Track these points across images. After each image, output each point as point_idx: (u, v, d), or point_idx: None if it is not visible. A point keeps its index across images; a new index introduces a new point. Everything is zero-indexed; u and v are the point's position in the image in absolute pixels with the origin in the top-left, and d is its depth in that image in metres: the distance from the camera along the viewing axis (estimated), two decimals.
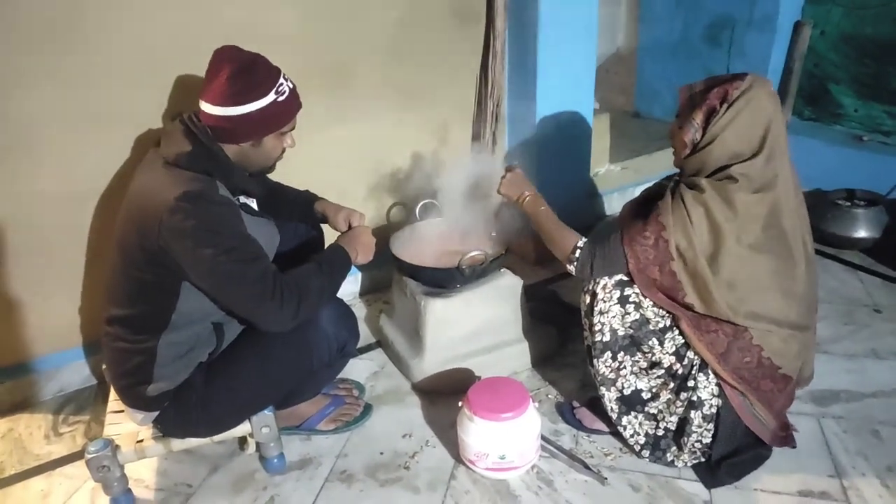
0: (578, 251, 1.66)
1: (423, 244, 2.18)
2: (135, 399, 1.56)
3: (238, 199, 1.53)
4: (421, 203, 2.26)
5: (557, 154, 2.74)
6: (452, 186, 2.11)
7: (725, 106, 1.49)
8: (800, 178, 1.61)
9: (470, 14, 2.46)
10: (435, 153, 2.56)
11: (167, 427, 1.61)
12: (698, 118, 1.53)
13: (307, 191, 1.94)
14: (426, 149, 2.54)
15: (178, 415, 1.58)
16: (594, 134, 2.90)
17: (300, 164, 2.20)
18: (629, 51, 4.14)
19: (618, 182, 3.21)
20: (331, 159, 2.32)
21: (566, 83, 2.66)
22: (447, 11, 2.40)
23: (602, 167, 3.31)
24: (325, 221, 1.88)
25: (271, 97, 1.47)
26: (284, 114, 1.52)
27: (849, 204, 2.81)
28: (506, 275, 2.08)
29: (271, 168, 1.65)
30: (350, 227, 1.81)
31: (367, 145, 2.41)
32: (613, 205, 3.12)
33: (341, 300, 1.71)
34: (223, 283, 1.42)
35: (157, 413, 1.58)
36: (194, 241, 1.35)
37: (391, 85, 2.38)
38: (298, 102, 1.56)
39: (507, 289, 2.06)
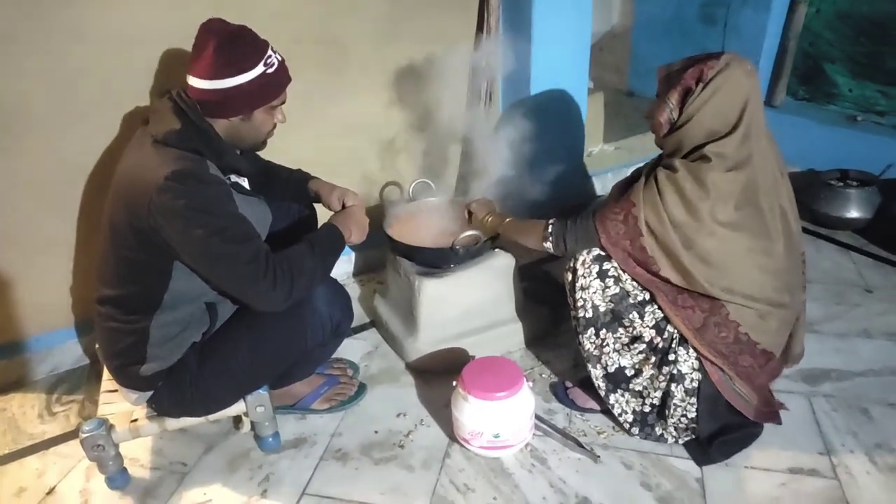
0: (550, 226, 1.74)
1: (416, 224, 2.17)
2: (128, 379, 1.56)
3: (229, 178, 1.51)
4: (414, 182, 2.25)
5: (552, 134, 2.72)
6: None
7: (701, 86, 1.50)
8: (793, 157, 1.62)
9: None
10: (428, 133, 2.54)
11: (162, 406, 1.61)
12: (674, 98, 1.55)
13: (300, 170, 1.92)
14: (419, 128, 2.52)
15: (173, 394, 1.58)
16: (588, 113, 2.88)
17: (292, 142, 2.18)
18: (624, 29, 4.10)
19: (612, 161, 3.21)
20: (323, 138, 2.30)
21: (560, 62, 2.63)
22: None
23: (596, 147, 3.30)
24: (319, 201, 1.86)
25: (260, 69, 1.44)
26: (274, 86, 1.50)
27: (842, 184, 2.82)
28: (499, 255, 2.08)
29: (262, 145, 1.62)
30: (344, 207, 1.80)
31: (361, 123, 2.39)
32: (607, 184, 3.11)
33: (335, 280, 1.70)
34: (215, 263, 1.41)
35: (151, 393, 1.57)
36: (184, 220, 1.34)
37: (384, 62, 2.36)
38: (288, 76, 1.54)
39: (500, 269, 2.06)
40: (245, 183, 1.62)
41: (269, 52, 1.47)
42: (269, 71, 1.46)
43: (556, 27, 2.54)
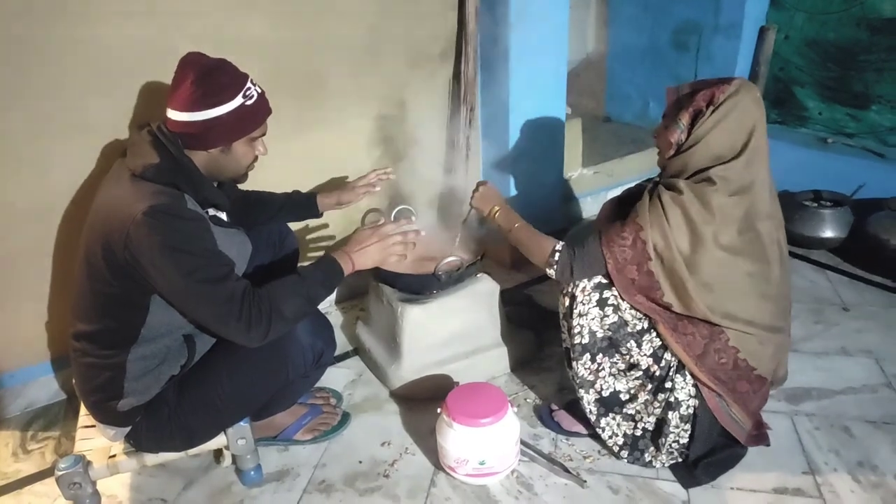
0: (557, 254, 1.65)
1: None
2: (106, 414, 1.53)
3: (207, 212, 1.50)
4: (396, 209, 2.25)
5: (531, 158, 2.76)
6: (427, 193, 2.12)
7: (712, 109, 1.50)
8: (773, 180, 1.64)
9: (442, 20, 2.46)
10: (409, 159, 2.56)
11: (140, 442, 1.57)
12: (684, 119, 1.54)
13: (297, 191, 1.96)
14: (400, 155, 2.54)
15: (152, 429, 1.54)
16: (567, 138, 2.92)
17: (273, 171, 2.17)
18: (599, 56, 4.19)
19: (591, 185, 3.24)
20: (304, 166, 2.31)
21: (538, 88, 2.67)
22: (418, 17, 2.40)
23: (575, 171, 3.34)
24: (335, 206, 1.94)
25: (239, 100, 1.44)
26: (253, 118, 1.49)
27: (816, 205, 2.88)
28: (482, 280, 2.08)
29: (244, 177, 1.62)
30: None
31: (341, 153, 2.40)
32: (587, 208, 3.14)
33: (318, 311, 1.68)
34: (189, 301, 1.39)
35: (129, 428, 1.54)
36: (160, 257, 1.32)
37: (364, 91, 2.37)
38: (268, 107, 1.54)
39: (483, 294, 2.07)
40: (224, 216, 1.61)
41: (249, 84, 1.48)
42: (249, 103, 1.46)
43: (533, 55, 2.58)
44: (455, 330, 2.03)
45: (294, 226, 2.02)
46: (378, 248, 1.57)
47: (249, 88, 1.47)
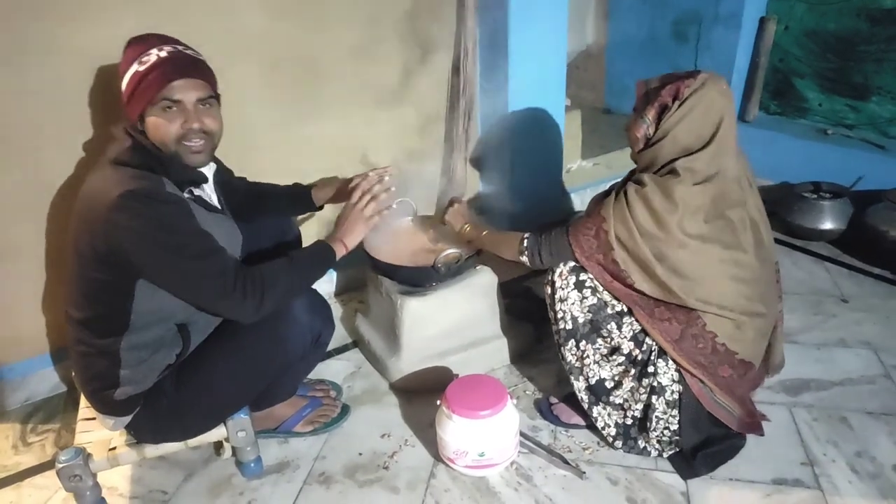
0: (525, 241, 1.74)
1: (398, 242, 2.17)
2: (104, 404, 1.53)
3: (191, 192, 1.49)
4: (395, 201, 2.25)
5: (530, 150, 2.75)
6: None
7: (678, 103, 1.53)
8: (767, 170, 1.65)
9: (440, 12, 2.45)
10: (408, 151, 2.55)
11: (140, 432, 1.58)
12: (650, 114, 1.57)
13: (297, 183, 1.95)
14: (398, 147, 2.53)
15: (151, 419, 1.55)
16: (566, 130, 2.92)
17: (271, 162, 2.18)
18: (598, 47, 4.17)
19: (590, 177, 3.24)
20: (302, 157, 2.30)
21: (537, 80, 2.67)
22: (418, 8, 2.39)
23: (574, 163, 3.34)
24: (335, 201, 1.91)
25: (133, 68, 1.38)
26: (146, 85, 1.36)
27: (815, 196, 2.88)
28: (481, 272, 2.08)
29: (190, 156, 1.44)
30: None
31: (340, 143, 2.39)
32: (586, 200, 3.10)
33: (315, 291, 1.68)
34: (181, 280, 1.39)
35: (129, 418, 1.54)
36: (143, 239, 1.32)
37: (362, 83, 2.36)
38: (170, 72, 1.37)
39: (482, 286, 2.07)
40: (211, 198, 1.58)
41: (153, 49, 1.38)
42: (142, 69, 1.37)
43: (532, 47, 2.57)
44: (454, 322, 2.03)
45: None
46: (356, 220, 1.65)
47: (148, 54, 1.37)
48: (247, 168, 1.88)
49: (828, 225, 2.78)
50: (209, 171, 1.58)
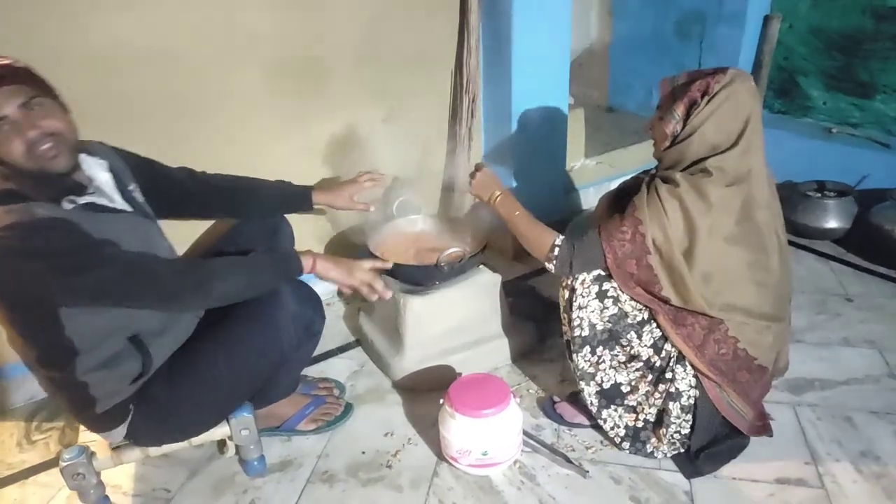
0: (557, 249, 1.63)
1: (400, 241, 2.17)
2: (93, 422, 1.52)
3: (73, 202, 1.35)
4: (397, 200, 2.25)
5: (533, 149, 2.75)
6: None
7: (707, 99, 1.49)
8: (771, 169, 1.63)
9: (444, 10, 2.45)
10: (411, 150, 2.55)
11: (141, 439, 1.57)
12: (679, 110, 1.53)
13: (288, 182, 1.89)
14: (402, 145, 2.53)
15: (149, 425, 1.54)
16: (569, 129, 2.91)
17: (275, 161, 2.18)
18: (602, 46, 4.16)
19: (593, 176, 3.23)
20: (307, 157, 2.30)
21: (541, 78, 2.66)
22: (421, 8, 2.39)
23: (577, 162, 3.33)
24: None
25: None
26: None
27: (819, 195, 2.87)
28: (484, 271, 2.08)
29: (44, 160, 1.31)
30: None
31: (343, 141, 2.39)
32: (589, 199, 3.13)
33: (302, 283, 1.63)
34: (99, 295, 1.34)
35: (123, 427, 1.52)
36: (38, 275, 1.26)
37: (366, 82, 2.36)
38: None
39: (485, 285, 2.06)
40: (115, 195, 1.47)
41: None
42: None
43: (536, 45, 2.57)
44: (457, 321, 2.03)
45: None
46: (346, 270, 1.56)
47: None
48: (250, 168, 1.87)
49: (832, 224, 2.77)
50: (98, 170, 1.47)
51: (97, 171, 1.46)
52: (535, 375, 2.09)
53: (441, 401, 1.71)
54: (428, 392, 1.95)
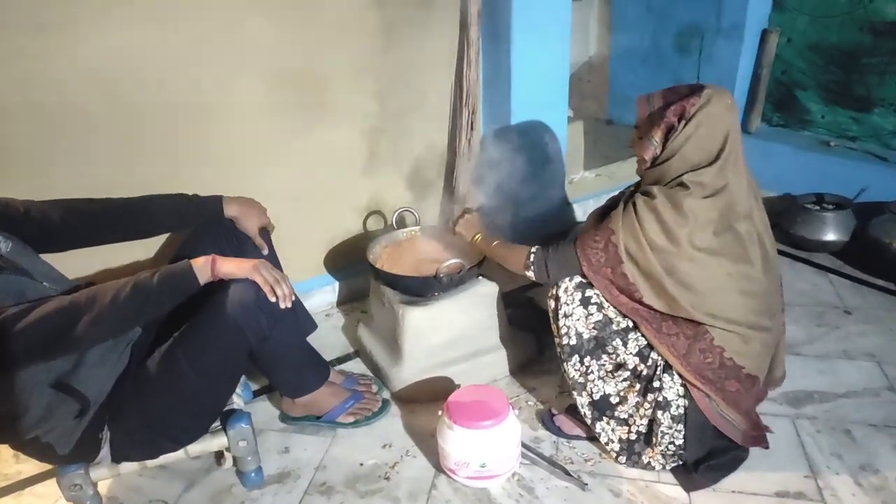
0: (532, 255, 1.73)
1: (400, 253, 2.18)
2: (69, 460, 1.52)
3: None
4: (397, 211, 2.26)
5: (533, 162, 2.75)
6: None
7: (683, 123, 1.52)
8: (770, 182, 1.65)
9: (444, 23, 2.47)
10: (410, 161, 2.56)
11: (134, 455, 1.57)
12: (657, 136, 1.56)
13: (193, 195, 1.81)
14: (401, 157, 2.54)
15: (135, 444, 1.55)
16: (568, 141, 2.93)
17: (275, 173, 2.19)
18: (601, 59, 4.19)
19: (593, 188, 3.24)
20: (306, 168, 2.31)
21: (540, 92, 2.68)
22: (421, 21, 2.41)
23: (577, 174, 3.34)
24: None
25: None
26: None
27: (818, 208, 2.87)
28: (483, 282, 2.08)
29: None
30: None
31: (342, 154, 2.40)
32: (589, 211, 3.12)
33: (240, 285, 1.53)
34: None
35: (106, 451, 1.52)
36: None
37: (366, 95, 2.37)
38: None
39: (484, 296, 2.07)
40: None
41: None
42: None
43: (535, 58, 2.59)
44: (456, 332, 2.03)
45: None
46: (250, 267, 1.51)
47: None
48: (250, 180, 1.87)
49: (830, 236, 2.77)
50: None
51: None
52: (534, 387, 2.09)
53: (439, 412, 1.71)
54: (426, 403, 1.94)
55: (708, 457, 1.67)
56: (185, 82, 1.97)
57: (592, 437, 1.81)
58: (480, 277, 2.09)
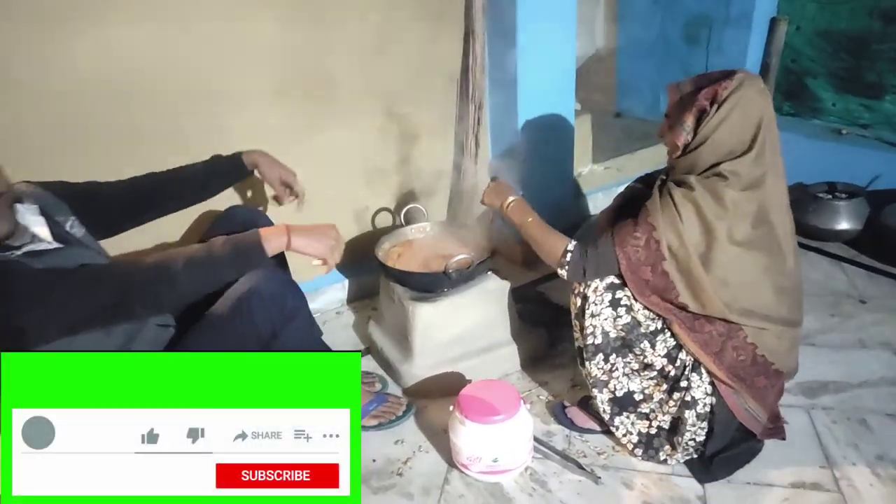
0: (569, 254, 1.61)
1: (409, 249, 2.18)
2: None
3: (11, 254, 1.34)
4: (406, 207, 2.26)
5: (541, 155, 2.75)
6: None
7: (715, 107, 1.46)
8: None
9: (449, 18, 2.46)
10: (417, 158, 2.56)
11: None
12: (689, 121, 1.50)
13: (217, 155, 1.85)
14: (409, 154, 2.54)
15: None
16: (576, 134, 2.91)
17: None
18: (608, 51, 4.17)
19: (601, 181, 3.23)
20: (315, 166, 2.31)
21: (547, 85, 2.66)
22: (426, 16, 2.40)
23: (585, 167, 3.33)
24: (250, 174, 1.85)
25: None
26: None
27: (830, 197, 2.85)
28: (493, 278, 2.08)
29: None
30: (289, 188, 1.82)
31: (351, 152, 2.40)
32: (598, 204, 3.13)
33: (272, 268, 1.58)
34: (54, 325, 1.33)
35: None
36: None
37: (373, 91, 2.37)
38: None
39: (494, 291, 2.06)
40: (46, 233, 1.45)
41: None
42: None
43: (541, 51, 2.57)
44: (466, 328, 2.03)
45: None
46: (325, 248, 1.53)
47: None
48: (258, 178, 1.88)
49: (843, 225, 2.75)
50: (30, 215, 1.44)
51: (30, 218, 1.44)
52: (546, 381, 2.08)
53: (451, 408, 1.71)
54: (438, 399, 1.95)
55: (722, 449, 1.66)
56: (192, 82, 1.98)
57: (605, 431, 1.81)
58: (490, 273, 2.09)
